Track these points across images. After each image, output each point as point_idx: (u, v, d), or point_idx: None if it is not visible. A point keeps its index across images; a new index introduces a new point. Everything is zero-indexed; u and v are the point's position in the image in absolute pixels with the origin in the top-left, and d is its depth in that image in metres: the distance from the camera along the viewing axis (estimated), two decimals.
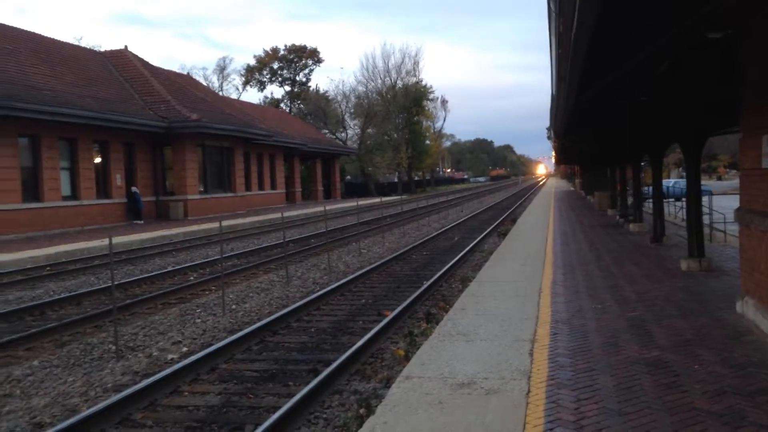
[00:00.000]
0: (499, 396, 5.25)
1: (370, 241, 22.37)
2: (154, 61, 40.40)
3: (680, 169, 58.91)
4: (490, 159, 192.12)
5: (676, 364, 5.89)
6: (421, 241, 21.18)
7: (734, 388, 5.23)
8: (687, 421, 4.59)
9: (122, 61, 37.52)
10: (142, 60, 39.21)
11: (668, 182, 37.24)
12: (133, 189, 31.58)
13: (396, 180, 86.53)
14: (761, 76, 6.92)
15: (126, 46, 39.27)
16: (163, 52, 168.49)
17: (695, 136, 11.53)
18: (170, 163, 34.72)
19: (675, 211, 24.98)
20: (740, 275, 8.19)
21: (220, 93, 73.37)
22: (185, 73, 50.34)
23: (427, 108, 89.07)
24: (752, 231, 7.52)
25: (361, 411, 5.98)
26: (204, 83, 66.94)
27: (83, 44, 44.38)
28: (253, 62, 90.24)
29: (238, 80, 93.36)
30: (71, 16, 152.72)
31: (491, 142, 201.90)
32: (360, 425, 5.08)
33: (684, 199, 14.66)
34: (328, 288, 12.42)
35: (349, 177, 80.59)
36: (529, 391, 5.30)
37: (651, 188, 18.14)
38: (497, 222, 28.94)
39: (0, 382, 7.44)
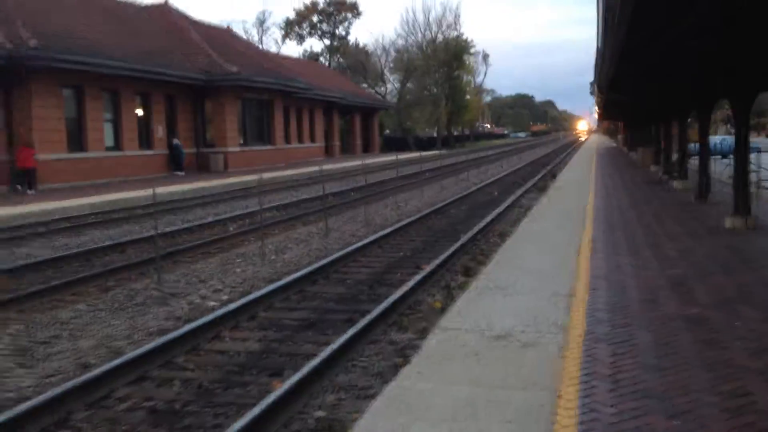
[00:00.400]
0: (535, 349, 5.27)
1: (408, 195, 22.34)
2: (195, 14, 40.60)
3: (728, 125, 57.15)
4: (531, 114, 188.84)
5: (717, 321, 5.82)
6: (459, 195, 21.09)
7: None
8: (726, 377, 4.54)
9: (163, 14, 37.59)
10: (182, 13, 39.24)
11: (715, 139, 36.19)
12: (175, 141, 31.97)
13: (435, 135, 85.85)
14: None
15: (166, 0, 39.31)
16: (203, 5, 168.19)
17: (744, 92, 11.14)
18: (210, 116, 34.97)
19: (721, 169, 24.35)
20: None
21: (260, 47, 73.14)
22: (225, 26, 50.10)
23: (467, 63, 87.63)
24: None
25: (397, 360, 6.06)
26: (244, 37, 66.81)
27: None
28: (292, 16, 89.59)
29: (277, 34, 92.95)
30: None
31: (532, 97, 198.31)
32: (395, 374, 5.15)
33: (731, 156, 14.27)
34: (366, 240, 12.48)
35: (387, 131, 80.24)
36: (565, 345, 5.30)
37: (696, 145, 17.67)
38: (537, 177, 28.61)
39: (48, 324, 7.71)
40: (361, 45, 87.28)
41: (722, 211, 12.69)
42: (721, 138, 38.65)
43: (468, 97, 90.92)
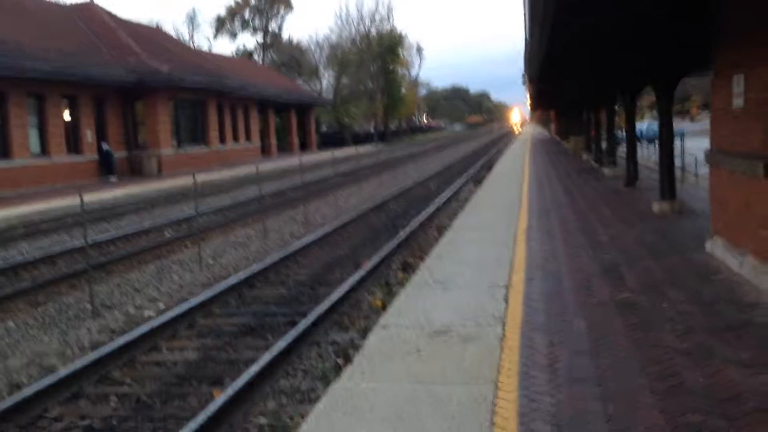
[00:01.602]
0: (475, 342, 5.33)
1: (347, 192, 22.33)
2: (122, 13, 39.40)
3: (654, 111, 59.11)
4: (467, 106, 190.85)
5: (646, 305, 6.01)
6: (397, 190, 21.19)
7: (702, 325, 5.35)
8: (656, 358, 4.70)
9: (88, 14, 36.35)
10: (109, 13, 38.07)
11: (642, 125, 37.34)
12: (104, 146, 31.03)
13: (372, 130, 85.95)
14: (734, 16, 6.90)
15: (92, 0, 38.11)
16: (130, 4, 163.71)
17: (667, 78, 11.53)
18: (142, 118, 34.11)
19: (648, 154, 25.16)
20: (710, 216, 8.31)
21: (191, 45, 71.72)
22: (154, 25, 49.01)
23: (401, 56, 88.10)
24: (721, 171, 7.61)
25: (339, 361, 6.05)
26: (174, 35, 65.35)
27: None
28: (223, 12, 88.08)
29: (209, 31, 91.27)
30: None
31: (467, 89, 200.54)
32: (338, 375, 5.14)
33: (656, 140, 14.74)
34: (306, 240, 12.42)
35: (324, 127, 79.87)
36: (504, 336, 5.38)
37: (625, 131, 18.21)
38: (473, 170, 28.98)
39: None
40: (294, 41, 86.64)
41: (650, 196, 13.12)
42: (647, 123, 39.89)
43: (403, 90, 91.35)
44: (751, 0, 6.42)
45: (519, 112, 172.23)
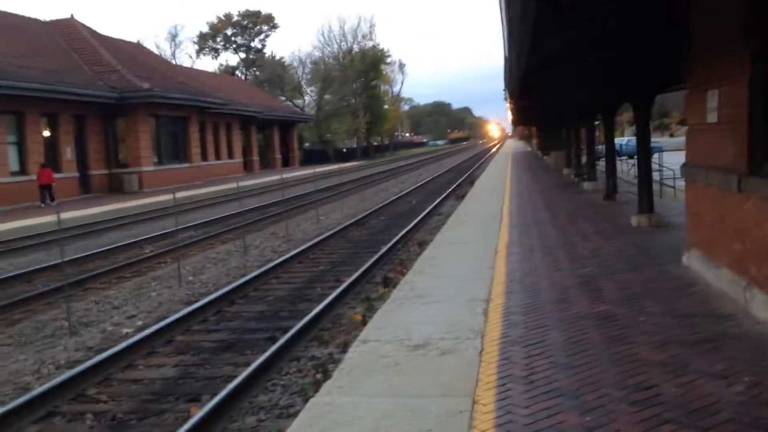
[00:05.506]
0: (453, 356, 5.33)
1: (329, 207, 22.32)
2: (103, 30, 39.01)
3: (634, 127, 59.79)
4: (449, 122, 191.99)
5: (624, 317, 6.05)
6: (379, 206, 21.22)
7: (678, 338, 5.40)
8: (632, 371, 4.73)
9: (69, 30, 36.24)
10: (89, 29, 37.98)
11: (621, 140, 37.75)
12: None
13: (355, 146, 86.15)
14: (707, 32, 7.02)
15: (72, 15, 38.01)
16: (112, 21, 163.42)
17: (644, 95, 11.69)
18: (123, 135, 33.93)
19: (628, 168, 25.41)
20: (686, 229, 8.40)
21: (173, 62, 71.61)
22: (135, 41, 48.90)
23: (384, 72, 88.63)
24: (697, 185, 7.71)
25: (318, 376, 6.02)
26: (156, 52, 65.24)
27: (26, 14, 42.69)
28: (206, 29, 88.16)
29: (191, 48, 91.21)
30: None
31: (449, 104, 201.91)
32: (317, 390, 5.12)
33: (636, 156, 14.91)
34: (287, 256, 12.38)
35: (307, 144, 79.92)
36: (482, 350, 5.39)
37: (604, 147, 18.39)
38: (455, 185, 29.11)
39: None
40: (277, 57, 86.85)
41: (629, 210, 13.23)
42: (627, 139, 40.30)
43: (386, 106, 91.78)
44: (721, 17, 6.55)
45: (499, 128, 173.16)
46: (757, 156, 5.88)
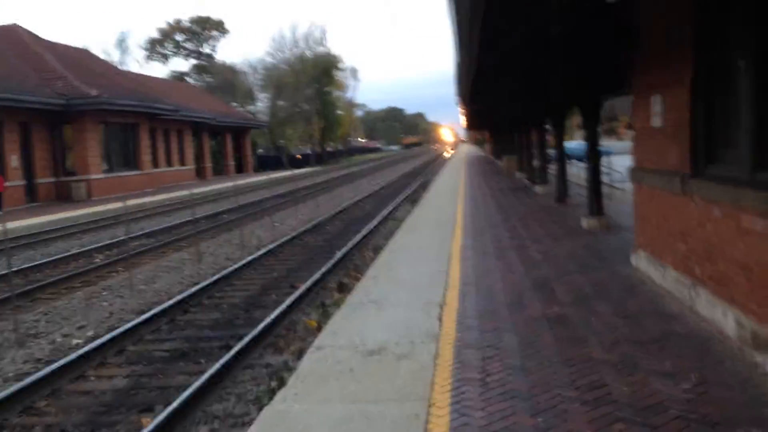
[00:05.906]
0: (408, 360, 5.35)
1: (284, 214, 22.17)
2: (49, 36, 38.15)
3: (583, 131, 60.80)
4: (403, 127, 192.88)
5: (575, 318, 6.17)
6: (334, 212, 21.17)
7: (628, 337, 5.53)
8: (584, 371, 4.82)
9: (14, 36, 35.23)
10: (34, 35, 36.99)
11: (571, 144, 38.39)
12: None
13: (309, 152, 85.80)
14: (652, 39, 7.23)
15: (15, 22, 36.99)
16: (57, 27, 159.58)
17: (591, 100, 11.95)
18: (71, 143, 33.12)
19: (578, 171, 25.89)
20: (635, 231, 8.61)
21: (122, 68, 70.21)
22: (82, 47, 47.76)
23: (337, 78, 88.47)
24: (643, 188, 7.91)
25: (273, 384, 5.97)
26: (104, 58, 63.88)
27: None
28: (155, 35, 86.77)
29: (140, 54, 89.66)
30: None
31: (402, 110, 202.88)
32: (272, 398, 5.07)
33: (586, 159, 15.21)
34: (241, 263, 12.26)
35: (261, 150, 79.22)
36: (437, 354, 5.43)
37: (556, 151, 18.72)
38: (409, 190, 29.24)
39: None
40: (228, 63, 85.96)
41: (580, 213, 13.50)
42: (576, 143, 41.07)
43: (339, 112, 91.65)
44: (664, 24, 6.75)
45: (452, 132, 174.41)
46: (700, 159, 6.07)
